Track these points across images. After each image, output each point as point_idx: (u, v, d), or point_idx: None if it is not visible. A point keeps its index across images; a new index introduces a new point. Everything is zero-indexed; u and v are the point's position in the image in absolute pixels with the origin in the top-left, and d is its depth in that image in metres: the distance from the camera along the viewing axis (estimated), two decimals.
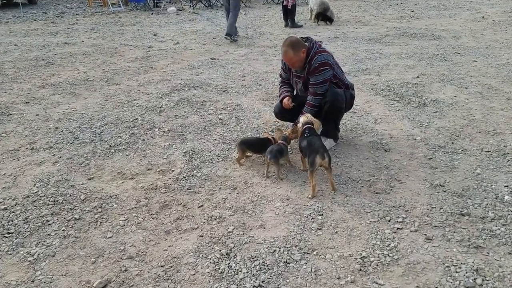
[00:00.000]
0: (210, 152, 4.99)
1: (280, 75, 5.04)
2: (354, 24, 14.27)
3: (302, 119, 4.46)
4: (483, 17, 14.50)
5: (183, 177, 4.45)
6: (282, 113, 4.93)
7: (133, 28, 15.15)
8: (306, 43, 4.47)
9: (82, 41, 12.65)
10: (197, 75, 8.60)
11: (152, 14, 19.13)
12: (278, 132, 4.74)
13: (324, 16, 14.06)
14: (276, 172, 4.31)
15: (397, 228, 3.41)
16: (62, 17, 19.02)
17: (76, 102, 7.15)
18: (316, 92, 4.55)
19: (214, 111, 6.37)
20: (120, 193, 4.15)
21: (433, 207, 3.69)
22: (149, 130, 5.72)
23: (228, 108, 6.49)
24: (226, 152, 4.99)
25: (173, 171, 4.57)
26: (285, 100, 4.78)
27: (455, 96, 6.61)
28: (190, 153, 4.94)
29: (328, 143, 4.91)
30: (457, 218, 3.53)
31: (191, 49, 11.01)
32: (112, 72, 8.99)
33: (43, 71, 9.25)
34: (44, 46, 11.98)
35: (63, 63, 9.89)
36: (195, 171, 4.54)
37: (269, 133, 4.88)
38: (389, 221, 3.51)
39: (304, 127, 4.31)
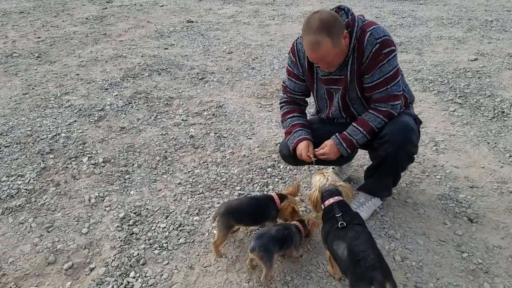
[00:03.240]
0: (168, 216, 3.07)
1: (285, 88, 2.89)
2: None
3: (318, 179, 2.49)
4: None
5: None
6: (296, 159, 2.73)
7: None
8: (342, 17, 2.40)
9: None
10: (165, 49, 6.30)
11: None
12: (291, 187, 2.83)
13: None
14: (264, 277, 2.41)
15: None
16: None
17: None
18: (392, 95, 2.53)
19: (183, 119, 4.24)
20: None
21: None
22: (73, 160, 3.54)
23: (205, 113, 4.34)
24: (196, 216, 3.04)
25: (92, 269, 2.46)
26: (302, 150, 2.61)
27: None
28: (131, 221, 3.03)
29: (372, 204, 2.85)
30: None
31: (162, 6, 8.52)
32: (50, 42, 6.67)
33: None
34: None
35: None
36: (132, 272, 2.62)
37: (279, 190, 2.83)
38: None
39: (328, 203, 2.30)
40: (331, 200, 2.35)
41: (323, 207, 2.37)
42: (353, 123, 2.62)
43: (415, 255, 2.65)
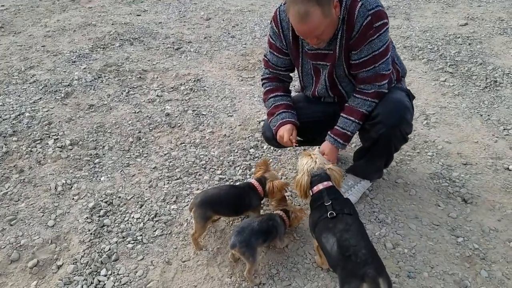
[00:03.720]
0: (143, 205, 2.86)
1: (267, 62, 2.62)
2: None
3: (305, 162, 2.29)
4: None
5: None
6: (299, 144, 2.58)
7: None
8: None
9: None
10: (137, 15, 5.91)
11: None
12: (260, 165, 2.59)
13: None
14: (248, 273, 2.22)
15: None
16: None
17: None
18: (379, 74, 2.29)
19: (158, 95, 3.96)
20: None
21: None
22: (37, 142, 3.26)
23: (181, 88, 4.06)
24: (173, 204, 2.83)
25: (60, 266, 2.28)
26: (285, 133, 2.42)
27: None
28: (102, 212, 2.80)
29: (361, 187, 2.70)
30: None
31: None
32: (14, 11, 6.21)
33: None
34: None
35: None
36: (103, 269, 2.43)
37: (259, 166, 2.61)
38: None
39: (317, 189, 2.13)
40: (320, 186, 2.16)
41: (311, 193, 2.16)
42: (342, 114, 2.40)
43: (407, 241, 2.50)
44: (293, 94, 2.73)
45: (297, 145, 2.45)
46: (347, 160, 3.13)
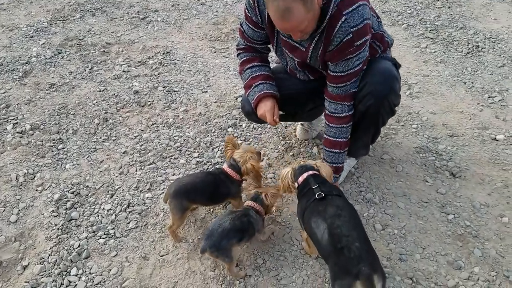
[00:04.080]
0: (114, 194, 2.65)
1: (243, 34, 2.41)
2: None
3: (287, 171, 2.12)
4: None
5: None
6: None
7: None
8: None
9: None
10: None
11: None
12: (227, 143, 2.34)
13: None
14: (228, 271, 2.11)
15: None
16: None
17: None
18: (349, 94, 2.18)
19: (125, 70, 3.71)
20: None
21: None
22: None
23: (150, 62, 3.80)
24: (147, 193, 2.64)
25: (25, 267, 2.11)
26: (267, 112, 2.29)
27: None
28: (69, 204, 2.59)
29: (346, 166, 2.68)
30: None
31: None
32: None
33: None
34: None
35: None
36: (73, 268, 2.25)
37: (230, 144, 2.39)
38: None
39: (302, 178, 1.99)
40: (304, 175, 2.00)
41: (296, 185, 2.00)
42: (324, 147, 2.33)
43: (396, 221, 2.39)
44: (272, 66, 2.53)
45: (280, 115, 2.27)
46: None
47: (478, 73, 3.67)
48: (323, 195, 1.91)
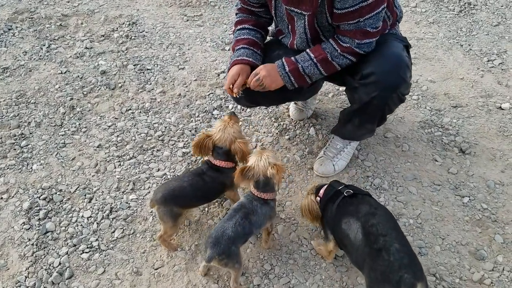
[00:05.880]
0: (92, 197, 2.36)
1: None
2: None
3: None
4: None
5: None
6: (250, 95, 2.08)
7: None
8: None
9: None
10: None
11: None
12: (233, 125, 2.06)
13: None
14: (234, 282, 1.88)
15: None
16: None
17: None
18: (362, 31, 1.84)
19: (87, 47, 3.35)
20: None
21: None
22: None
23: (115, 36, 3.44)
24: (131, 194, 2.36)
25: None
26: (229, 78, 2.04)
27: None
28: (42, 213, 2.28)
29: (350, 148, 2.51)
30: None
31: None
32: None
33: None
34: None
35: None
36: None
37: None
38: None
39: (323, 189, 1.96)
40: (324, 186, 1.82)
41: (318, 199, 1.81)
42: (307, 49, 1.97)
43: (410, 209, 2.22)
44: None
45: (242, 94, 2.02)
46: (326, 115, 2.75)
47: (474, 33, 3.48)
48: (352, 192, 1.72)
